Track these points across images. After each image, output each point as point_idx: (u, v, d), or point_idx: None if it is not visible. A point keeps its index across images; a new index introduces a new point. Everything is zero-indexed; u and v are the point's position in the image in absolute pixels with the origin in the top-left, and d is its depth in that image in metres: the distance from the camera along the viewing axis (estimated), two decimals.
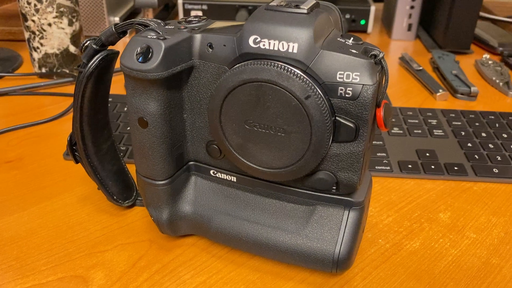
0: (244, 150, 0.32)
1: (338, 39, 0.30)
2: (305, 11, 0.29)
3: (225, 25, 0.33)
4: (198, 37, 0.32)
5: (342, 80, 0.29)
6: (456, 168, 0.49)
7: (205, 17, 0.34)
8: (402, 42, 0.88)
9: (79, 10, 0.66)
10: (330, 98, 0.29)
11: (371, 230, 0.41)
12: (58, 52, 0.65)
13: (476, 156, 0.51)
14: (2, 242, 0.39)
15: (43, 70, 0.67)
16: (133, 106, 0.33)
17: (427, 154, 0.51)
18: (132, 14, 0.94)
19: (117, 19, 0.85)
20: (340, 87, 0.29)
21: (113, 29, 0.34)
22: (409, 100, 0.65)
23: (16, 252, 0.38)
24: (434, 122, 0.57)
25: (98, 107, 0.38)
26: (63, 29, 0.64)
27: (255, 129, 0.31)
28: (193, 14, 0.87)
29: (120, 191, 0.42)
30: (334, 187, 0.33)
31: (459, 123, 0.57)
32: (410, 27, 0.88)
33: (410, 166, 0.49)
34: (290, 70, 0.28)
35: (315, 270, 0.37)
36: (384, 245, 0.40)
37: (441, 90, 0.66)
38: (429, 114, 0.59)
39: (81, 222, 0.41)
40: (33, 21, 0.63)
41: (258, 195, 0.36)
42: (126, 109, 0.58)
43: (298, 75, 0.28)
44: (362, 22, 0.90)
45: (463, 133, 0.55)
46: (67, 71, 0.67)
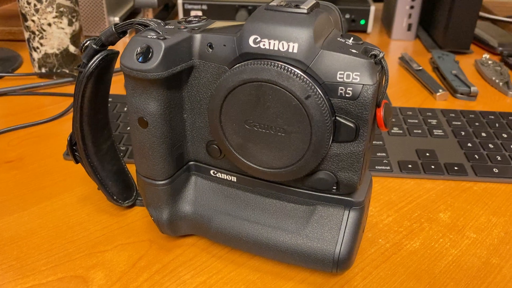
0: (244, 150, 0.32)
1: (338, 39, 0.30)
2: (305, 11, 0.29)
3: (225, 25, 0.33)
4: (198, 37, 0.32)
5: (342, 80, 0.29)
6: (456, 168, 0.49)
7: (205, 17, 0.34)
8: (402, 42, 0.88)
9: (79, 10, 0.66)
10: (330, 98, 0.29)
11: (371, 230, 0.41)
12: (58, 52, 0.65)
13: (476, 156, 0.51)
14: (2, 242, 0.39)
15: (43, 70, 0.67)
16: (133, 106, 0.33)
17: (427, 154, 0.51)
18: (132, 14, 0.94)
19: (117, 19, 0.85)
20: (340, 87, 0.29)
21: (113, 29, 0.34)
22: (409, 100, 0.65)
23: (16, 252, 0.38)
24: (434, 122, 0.57)
25: (98, 107, 0.38)
26: (63, 29, 0.64)
27: (255, 129, 0.31)
28: (193, 14, 0.87)
29: (120, 191, 0.42)
30: (334, 187, 0.33)
31: (459, 123, 0.57)
32: (410, 27, 0.88)
33: (410, 166, 0.49)
34: (290, 70, 0.28)
35: (315, 270, 0.37)
36: (384, 245, 0.40)
37: (441, 90, 0.66)
38: (429, 114, 0.59)
39: (81, 222, 0.41)
40: (33, 21, 0.63)
41: (258, 195, 0.36)
42: (126, 109, 0.58)
43: (298, 75, 0.28)
44: (362, 22, 0.90)
45: (463, 133, 0.55)
46: (67, 71, 0.67)
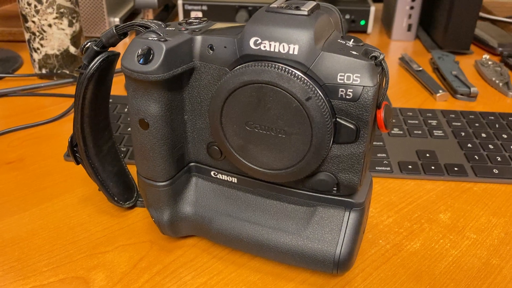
0: (245, 152, 0.32)
1: (339, 41, 0.30)
2: (305, 13, 0.29)
3: (225, 26, 0.33)
4: (199, 38, 0.32)
5: (342, 81, 0.29)
6: (456, 168, 0.49)
7: (205, 18, 0.34)
8: (402, 43, 0.88)
9: (79, 11, 0.66)
10: (331, 100, 0.29)
11: (372, 231, 0.41)
12: (58, 53, 0.65)
13: (476, 156, 0.51)
14: (4, 243, 0.39)
15: (43, 71, 0.67)
16: (134, 108, 0.33)
17: (427, 155, 0.51)
18: (132, 14, 0.94)
19: (117, 20, 0.85)
20: (340, 89, 0.29)
21: (114, 30, 0.34)
22: (409, 100, 0.66)
23: (17, 253, 0.38)
24: (434, 122, 0.57)
25: (99, 109, 0.38)
26: (63, 30, 0.64)
27: (256, 130, 0.31)
28: (193, 14, 0.87)
29: (121, 192, 0.42)
30: (335, 188, 0.33)
31: (459, 124, 0.57)
32: (410, 28, 0.88)
33: (410, 166, 0.49)
34: (290, 71, 0.28)
35: (316, 271, 0.37)
36: (384, 245, 0.40)
37: (441, 91, 0.66)
38: (429, 114, 0.59)
39: (82, 223, 0.41)
40: (33, 22, 0.63)
41: (259, 196, 0.36)
42: (126, 110, 0.59)
43: (299, 77, 0.28)
44: (362, 23, 0.90)
45: (463, 133, 0.55)
46: (67, 72, 0.67)
